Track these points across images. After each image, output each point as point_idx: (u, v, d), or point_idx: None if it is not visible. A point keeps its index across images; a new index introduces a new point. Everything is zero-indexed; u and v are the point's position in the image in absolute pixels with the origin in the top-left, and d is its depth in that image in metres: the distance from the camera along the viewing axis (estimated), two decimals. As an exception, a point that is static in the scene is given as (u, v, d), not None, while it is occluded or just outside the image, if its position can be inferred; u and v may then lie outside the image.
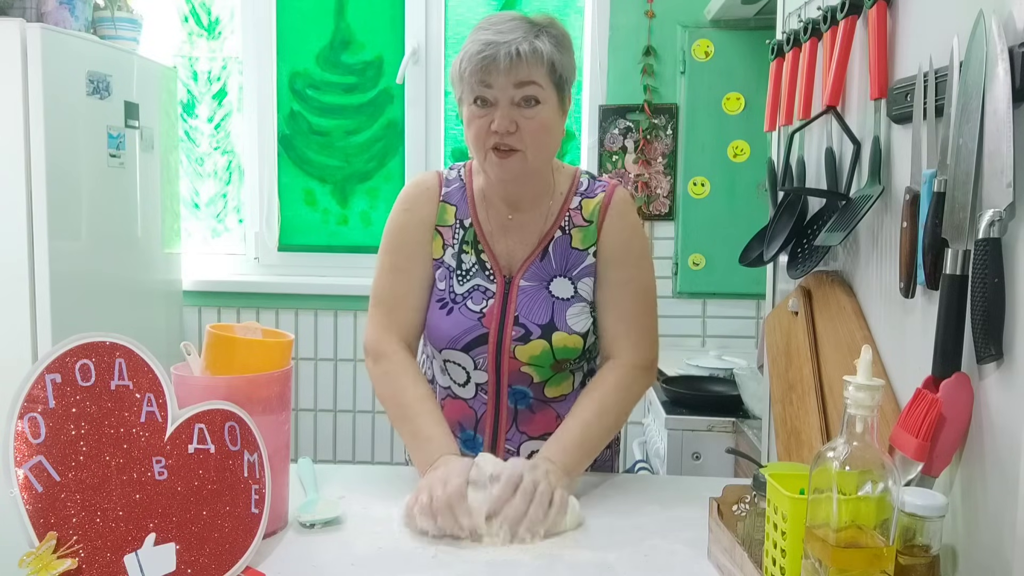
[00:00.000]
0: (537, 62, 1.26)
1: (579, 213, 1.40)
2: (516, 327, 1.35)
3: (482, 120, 1.28)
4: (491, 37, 1.25)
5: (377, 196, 3.01)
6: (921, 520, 0.83)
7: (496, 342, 1.36)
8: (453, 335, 1.37)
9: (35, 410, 0.94)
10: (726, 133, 2.74)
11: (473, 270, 1.39)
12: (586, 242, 1.39)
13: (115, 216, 2.50)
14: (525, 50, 1.24)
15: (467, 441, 1.43)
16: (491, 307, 1.36)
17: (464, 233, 1.41)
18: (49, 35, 2.17)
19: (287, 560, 1.07)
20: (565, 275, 1.38)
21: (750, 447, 1.90)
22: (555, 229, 1.39)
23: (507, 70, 1.24)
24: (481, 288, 1.38)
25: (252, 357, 1.14)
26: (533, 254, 1.39)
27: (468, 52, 1.26)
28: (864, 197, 1.16)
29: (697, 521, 1.15)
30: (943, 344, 0.90)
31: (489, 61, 1.24)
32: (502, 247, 1.40)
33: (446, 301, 1.39)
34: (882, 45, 1.14)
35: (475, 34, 1.29)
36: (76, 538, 0.93)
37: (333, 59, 2.96)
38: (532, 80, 1.26)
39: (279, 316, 2.91)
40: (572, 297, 1.37)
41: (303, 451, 2.92)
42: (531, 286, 1.38)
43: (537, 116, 1.28)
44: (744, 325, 2.81)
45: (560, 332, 1.35)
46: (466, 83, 1.28)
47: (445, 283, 1.40)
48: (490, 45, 1.24)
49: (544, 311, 1.36)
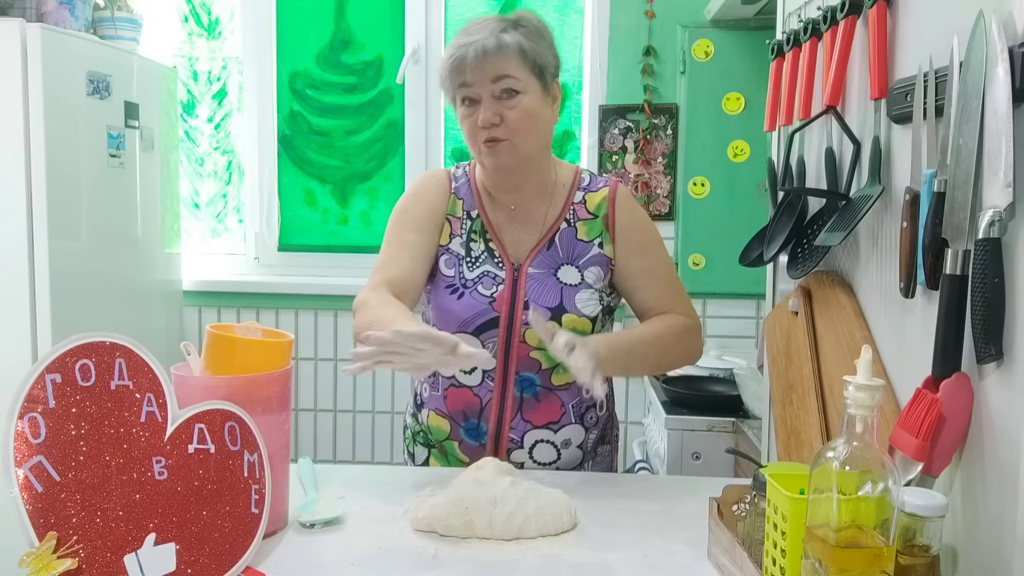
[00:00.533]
0: (507, 55, 1.33)
1: (583, 207, 1.45)
2: (526, 311, 1.38)
3: (471, 118, 1.37)
4: (462, 40, 1.35)
5: (377, 196, 3.01)
6: (921, 520, 0.83)
7: (507, 326, 1.38)
8: (464, 318, 1.39)
9: (35, 410, 0.94)
10: (726, 133, 2.73)
11: (482, 257, 1.43)
12: (591, 234, 1.44)
13: (115, 216, 2.50)
14: (491, 45, 1.32)
15: (471, 430, 1.43)
16: (501, 292, 1.40)
17: (472, 223, 1.45)
18: (49, 35, 2.17)
19: (287, 560, 1.07)
20: (572, 263, 1.43)
21: (750, 447, 1.90)
22: (560, 221, 1.45)
23: (478, 67, 1.32)
24: (491, 274, 1.42)
25: (252, 357, 1.14)
26: (540, 243, 1.44)
27: (446, 57, 1.36)
28: (864, 197, 1.16)
29: (697, 521, 1.15)
30: (943, 344, 0.90)
31: (459, 61, 1.33)
32: (509, 238, 1.45)
33: (456, 286, 1.41)
34: (882, 45, 1.14)
35: (452, 40, 1.38)
36: (76, 538, 0.93)
37: (333, 59, 2.96)
38: (506, 73, 1.34)
39: (279, 316, 2.91)
40: (579, 283, 1.41)
41: (303, 451, 2.92)
42: (539, 273, 1.42)
43: (518, 105, 1.35)
44: (744, 325, 2.81)
45: (570, 314, 1.38)
46: (447, 86, 1.38)
47: (454, 269, 1.43)
48: (460, 47, 1.33)
49: (553, 295, 1.40)
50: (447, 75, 1.36)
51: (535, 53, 1.36)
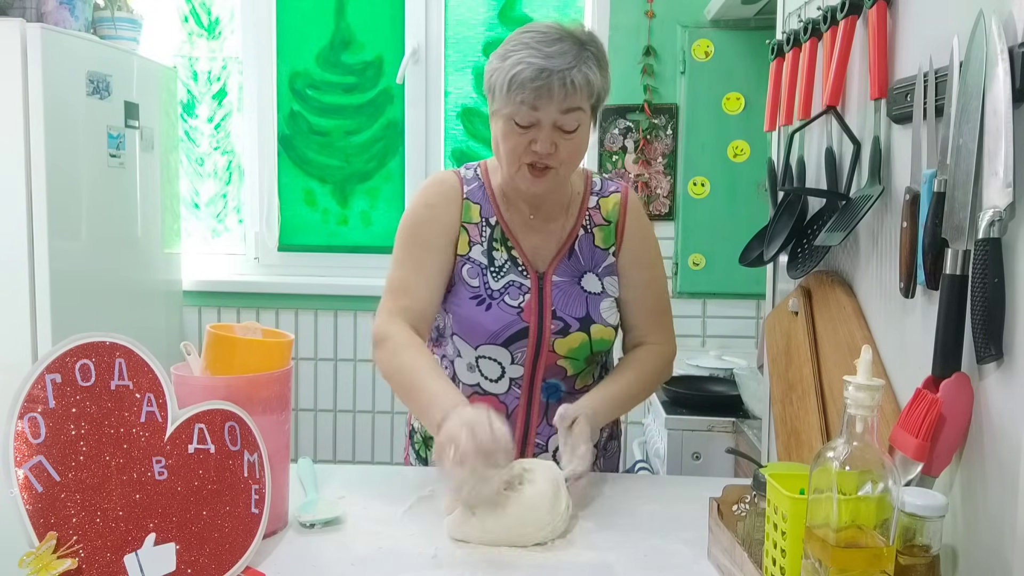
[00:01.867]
0: (586, 90, 1.27)
1: (598, 212, 1.45)
2: (555, 321, 1.38)
3: (521, 138, 1.29)
4: (542, 63, 1.24)
5: (377, 196, 3.01)
6: (921, 520, 0.83)
7: (536, 336, 1.38)
8: (493, 330, 1.37)
9: (35, 410, 0.94)
10: (726, 133, 2.73)
11: (506, 266, 1.41)
12: (607, 241, 1.44)
13: (115, 216, 2.50)
14: (579, 81, 1.25)
15: None
16: (528, 302, 1.38)
17: (491, 231, 1.42)
18: (49, 35, 2.17)
19: (287, 560, 1.07)
20: (593, 271, 1.43)
21: (750, 447, 1.90)
22: (578, 228, 1.44)
23: (559, 99, 1.25)
24: (516, 284, 1.40)
25: (252, 357, 1.14)
26: (561, 251, 1.43)
27: (519, 74, 1.24)
28: (864, 197, 1.16)
29: (697, 521, 1.15)
30: (943, 344, 0.90)
31: (543, 90, 1.24)
32: (528, 244, 1.43)
33: (483, 297, 1.39)
34: (882, 45, 1.14)
35: (521, 51, 1.26)
36: (76, 538, 0.93)
37: (333, 59, 2.96)
38: (578, 107, 1.28)
39: (279, 316, 2.91)
40: (601, 292, 1.42)
41: (303, 451, 2.92)
42: (564, 281, 1.41)
43: (575, 138, 1.30)
44: (744, 325, 2.80)
45: (597, 324, 1.39)
46: (512, 103, 1.26)
47: (479, 280, 1.40)
48: (543, 72, 1.23)
49: (580, 305, 1.40)
50: (521, 98, 1.25)
51: (602, 88, 1.31)
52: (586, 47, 1.28)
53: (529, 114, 1.26)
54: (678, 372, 2.37)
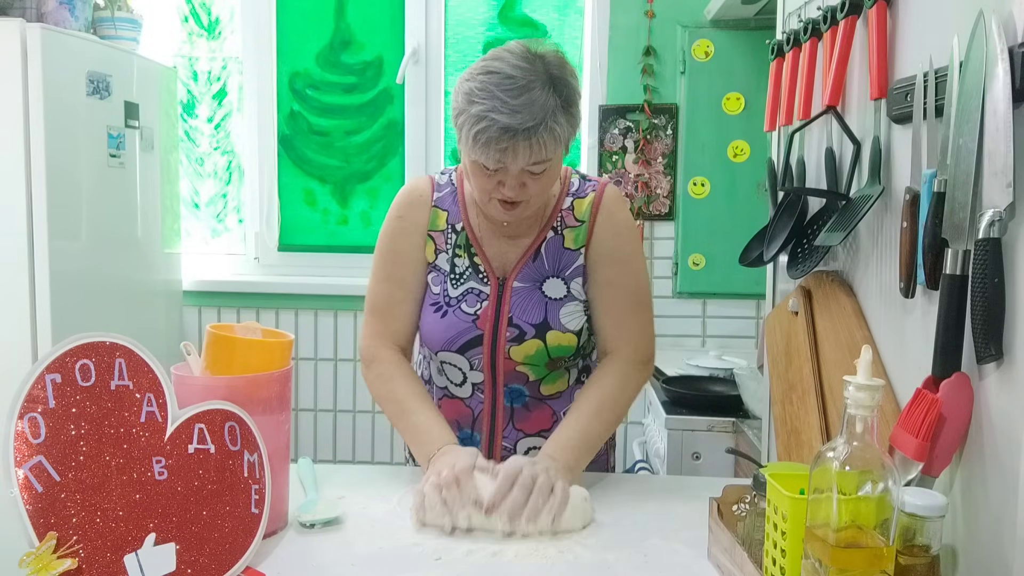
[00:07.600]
0: (552, 144, 1.22)
1: (571, 213, 1.40)
2: (510, 328, 1.36)
3: (490, 179, 1.26)
4: (507, 121, 1.18)
5: (377, 196, 3.01)
6: (921, 520, 0.83)
7: (491, 343, 1.37)
8: (448, 337, 1.38)
9: (35, 410, 0.94)
10: (726, 133, 2.74)
11: (467, 273, 1.40)
12: (578, 242, 1.39)
13: (115, 216, 2.50)
14: (546, 138, 1.20)
15: (464, 440, 1.44)
16: (485, 309, 1.37)
17: (456, 237, 1.41)
18: (49, 35, 2.17)
19: (287, 560, 1.07)
20: (558, 275, 1.39)
21: (750, 447, 1.90)
22: (547, 230, 1.40)
23: (525, 157, 1.21)
24: (475, 291, 1.39)
25: (252, 357, 1.14)
26: (526, 255, 1.39)
27: (483, 131, 1.19)
28: (864, 197, 1.16)
29: (697, 521, 1.15)
30: (943, 344, 0.90)
31: (508, 151, 1.20)
32: (494, 250, 1.40)
33: (440, 304, 1.40)
34: (882, 45, 1.14)
35: (486, 101, 1.19)
36: (76, 538, 0.93)
37: (333, 59, 2.96)
38: (546, 159, 1.24)
39: (279, 316, 2.91)
40: (565, 297, 1.38)
41: (303, 451, 2.92)
42: (524, 287, 1.38)
43: (543, 176, 1.27)
44: (744, 325, 2.81)
45: (554, 331, 1.36)
46: (477, 154, 1.23)
47: (440, 287, 1.41)
48: (507, 132, 1.18)
49: (538, 311, 1.37)
50: (475, 144, 1.21)
51: (568, 135, 1.25)
52: (556, 89, 1.22)
53: (496, 163, 1.23)
54: (678, 372, 2.38)
